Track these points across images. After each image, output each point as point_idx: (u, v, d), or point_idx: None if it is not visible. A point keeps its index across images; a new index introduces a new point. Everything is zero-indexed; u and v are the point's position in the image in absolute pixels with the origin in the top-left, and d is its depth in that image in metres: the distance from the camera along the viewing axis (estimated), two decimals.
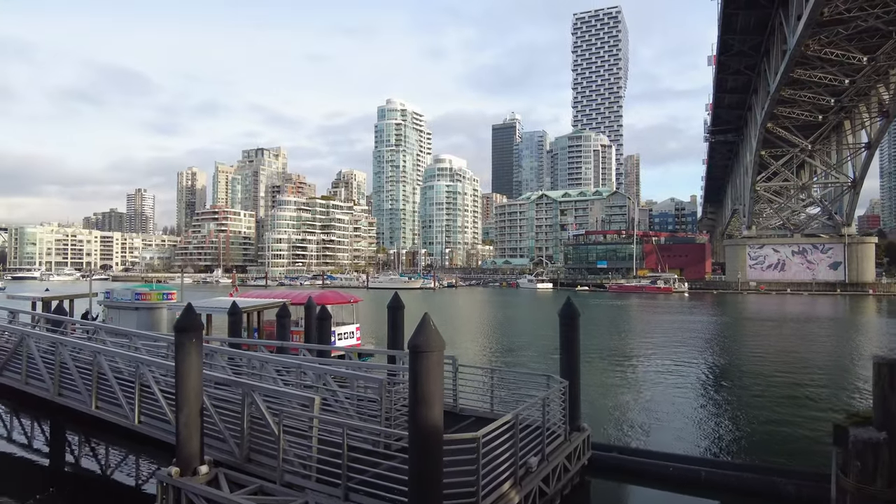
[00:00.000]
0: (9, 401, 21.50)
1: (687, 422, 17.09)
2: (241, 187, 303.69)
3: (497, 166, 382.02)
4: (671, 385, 22.61)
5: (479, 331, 44.74)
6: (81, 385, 11.89)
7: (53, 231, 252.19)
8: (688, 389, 21.95)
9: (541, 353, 30.83)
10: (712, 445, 14.93)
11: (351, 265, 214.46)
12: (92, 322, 18.60)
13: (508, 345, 35.64)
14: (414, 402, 6.63)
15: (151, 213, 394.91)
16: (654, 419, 17.13)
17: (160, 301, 23.44)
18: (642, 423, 16.62)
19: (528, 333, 43.35)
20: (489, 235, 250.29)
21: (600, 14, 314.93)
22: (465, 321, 53.02)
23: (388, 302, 14.80)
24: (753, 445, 14.72)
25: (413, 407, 6.63)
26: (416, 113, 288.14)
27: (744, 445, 14.77)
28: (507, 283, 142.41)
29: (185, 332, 8.61)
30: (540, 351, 31.60)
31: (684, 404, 19.34)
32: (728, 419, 17.89)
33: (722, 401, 20.57)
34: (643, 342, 36.99)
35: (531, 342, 36.73)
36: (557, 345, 12.35)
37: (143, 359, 10.80)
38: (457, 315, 60.18)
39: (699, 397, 20.85)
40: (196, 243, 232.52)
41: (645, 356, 30.57)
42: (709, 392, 22.03)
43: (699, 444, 14.98)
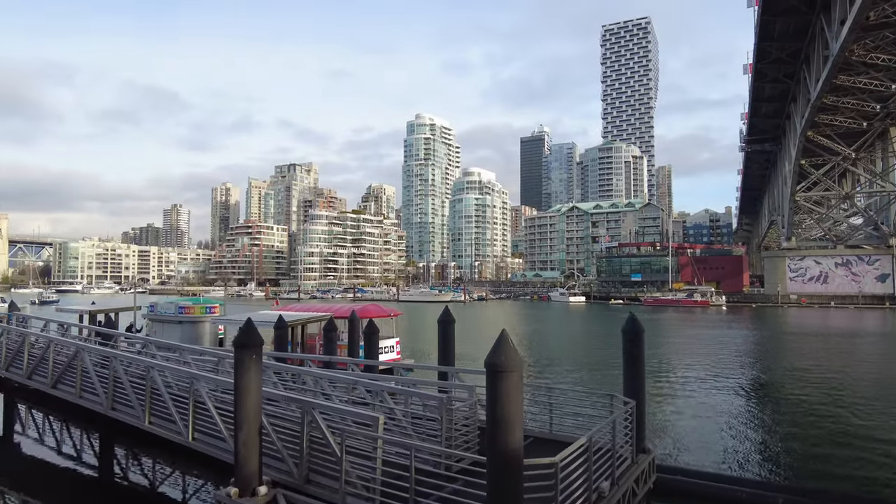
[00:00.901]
0: (59, 412, 21.90)
1: (749, 443, 16.26)
2: (274, 202, 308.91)
3: (526, 179, 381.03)
4: (726, 402, 21.69)
5: (517, 345, 44.04)
6: (135, 400, 11.83)
7: (94, 245, 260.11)
8: (744, 407, 21.02)
9: (581, 367, 30.09)
10: (782, 469, 14.10)
11: (381, 278, 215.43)
12: (142, 336, 18.72)
13: (549, 359, 34.94)
14: (493, 424, 6.25)
15: (186, 228, 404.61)
16: (715, 439, 16.34)
17: (203, 315, 23.58)
18: (703, 443, 15.85)
19: (566, 348, 42.52)
20: (518, 248, 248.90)
21: (629, 25, 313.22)
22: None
23: (439, 316, 14.46)
24: (825, 472, 13.86)
25: (492, 430, 6.25)
26: (444, 127, 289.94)
27: (814, 472, 13.91)
28: (538, 296, 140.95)
29: (245, 348, 8.41)
30: (579, 365, 30.86)
31: (743, 423, 18.46)
32: (794, 441, 16.95)
33: (783, 420, 19.58)
34: (689, 357, 35.86)
35: (571, 357, 35.96)
36: (599, 359, 11.82)
37: (198, 374, 10.67)
38: (491, 329, 59.51)
39: (758, 416, 19.91)
40: (230, 257, 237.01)
41: (694, 371, 29.57)
42: (768, 411, 21.04)
43: (766, 467, 14.18)
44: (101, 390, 12.85)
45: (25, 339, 16.39)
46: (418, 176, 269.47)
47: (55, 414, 22.33)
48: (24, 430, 22.42)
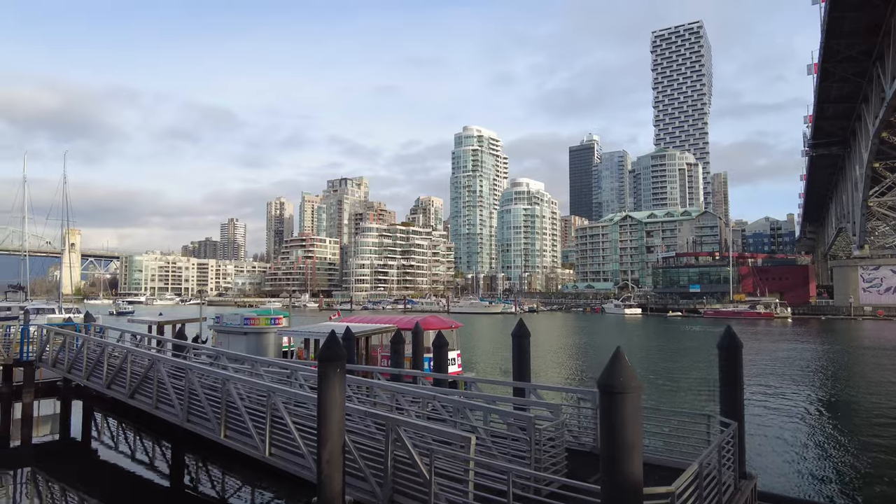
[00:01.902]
0: (132, 420, 22.50)
1: (847, 467, 14.91)
2: (326, 215, 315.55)
3: (575, 188, 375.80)
4: (817, 422, 20.19)
5: (578, 360, 42.83)
6: (210, 412, 11.77)
7: (157, 259, 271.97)
8: (836, 428, 19.47)
9: (650, 383, 28.79)
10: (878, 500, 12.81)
11: (430, 289, 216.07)
12: (213, 347, 18.95)
13: None
14: (610, 450, 5.67)
15: (243, 241, 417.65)
16: (813, 462, 15.08)
17: (268, 326, 23.80)
18: (799, 468, 14.64)
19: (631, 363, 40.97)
20: (569, 259, 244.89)
21: (681, 30, 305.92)
22: (558, 349, 51.09)
23: (513, 329, 13.91)
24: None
25: (609, 456, 5.68)
26: (492, 138, 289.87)
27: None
28: (591, 308, 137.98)
29: (329, 361, 8.13)
30: (648, 381, 29.54)
31: (838, 446, 17.04)
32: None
33: (879, 444, 17.99)
34: (763, 373, 33.89)
35: (638, 373, 34.57)
36: (668, 375, 10.95)
37: (275, 387, 10.49)
38: (547, 342, 58.22)
39: (852, 439, 18.37)
40: (285, 269, 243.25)
41: (772, 388, 27.84)
42: (861, 432, 19.41)
43: (864, 493, 12.90)
44: (176, 402, 12.90)
45: (105, 349, 16.78)
46: (466, 187, 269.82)
47: (128, 422, 22.98)
48: (101, 436, 23.15)
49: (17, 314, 49.13)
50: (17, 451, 20.80)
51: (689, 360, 41.42)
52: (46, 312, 49.12)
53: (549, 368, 36.51)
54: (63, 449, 21.89)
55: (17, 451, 20.77)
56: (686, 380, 31.11)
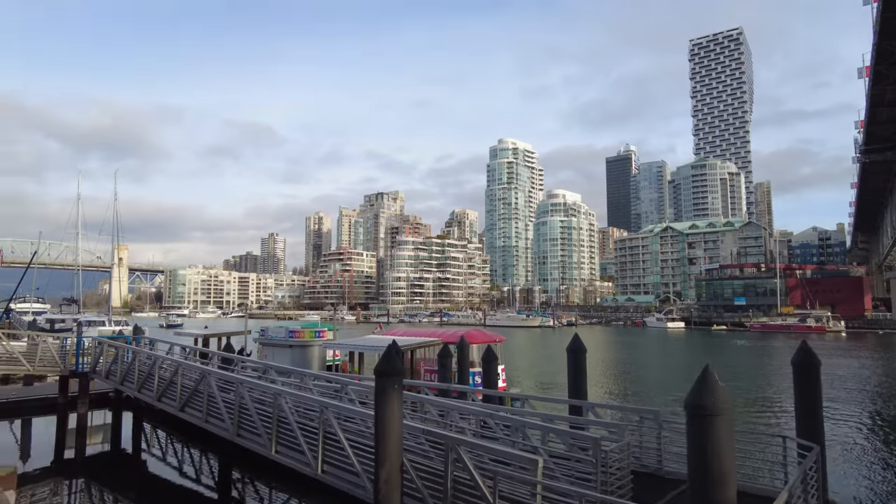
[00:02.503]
0: (180, 433, 22.77)
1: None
2: (363, 229, 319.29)
3: (612, 199, 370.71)
4: (894, 443, 18.91)
5: (626, 375, 41.61)
6: (261, 427, 11.65)
7: (199, 273, 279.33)
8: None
9: None
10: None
11: (466, 302, 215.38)
12: (261, 361, 19.01)
13: (663, 389, 32.57)
14: (699, 478, 5.21)
15: (282, 255, 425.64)
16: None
17: (312, 339, 23.84)
18: (882, 494, 13.64)
19: (681, 379, 39.61)
20: (607, 271, 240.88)
21: (719, 38, 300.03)
22: (602, 364, 49.85)
23: (568, 345, 13.43)
24: None
25: (698, 485, 5.22)
26: (527, 150, 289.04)
27: None
28: (631, 321, 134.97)
29: (387, 377, 7.86)
30: None
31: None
32: None
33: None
34: (825, 389, 32.17)
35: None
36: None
37: (328, 403, 10.29)
38: (590, 357, 56.78)
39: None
40: (323, 282, 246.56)
41: (839, 406, 26.37)
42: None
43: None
44: (226, 416, 12.85)
45: (155, 362, 16.98)
46: (501, 200, 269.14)
47: (176, 434, 23.25)
48: (150, 448, 23.48)
49: (70, 326, 50.96)
50: (72, 461, 21.28)
51: (744, 376, 39.77)
52: (97, 325, 50.68)
53: (596, 385, 35.56)
54: (114, 460, 22.26)
55: (72, 462, 21.25)
56: (744, 397, 29.78)
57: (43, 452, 22.03)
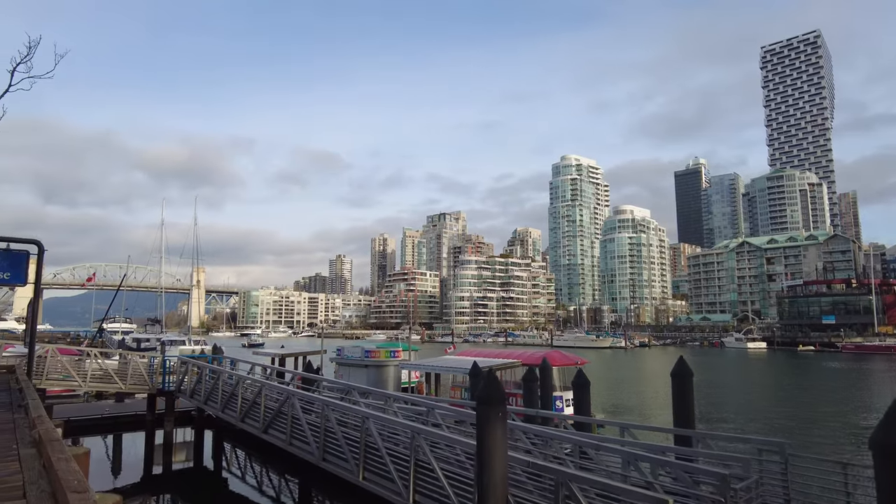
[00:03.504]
0: (259, 452, 22.95)
1: None
2: (426, 249, 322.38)
3: (683, 214, 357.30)
4: None
5: (717, 401, 39.01)
6: (348, 452, 11.25)
7: (271, 294, 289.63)
8: None
9: (812, 431, 25.32)
10: None
11: (530, 322, 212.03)
12: (345, 382, 18.81)
13: (768, 420, 30.18)
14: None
15: (349, 276, 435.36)
16: None
17: (388, 359, 23.58)
18: None
19: (781, 404, 36.75)
20: (680, 289, 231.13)
21: (795, 42, 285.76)
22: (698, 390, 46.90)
23: (672, 368, 12.36)
24: None
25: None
26: (591, 166, 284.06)
27: None
28: (708, 341, 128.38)
29: (489, 404, 7.23)
30: (805, 429, 26.03)
31: None
32: None
33: None
34: None
35: (802, 415, 30.73)
36: (843, 420, 8.82)
37: (421, 429, 9.76)
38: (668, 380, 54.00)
39: None
40: (388, 302, 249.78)
41: None
42: None
43: None
44: (311, 439, 12.57)
45: (239, 382, 17.08)
46: (565, 217, 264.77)
47: (256, 454, 23.46)
48: (230, 466, 23.78)
49: (154, 345, 53.49)
50: (159, 477, 21.81)
51: (847, 402, 36.48)
52: (178, 344, 52.85)
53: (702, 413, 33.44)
54: (197, 477, 22.65)
55: (159, 478, 21.79)
56: (854, 425, 27.15)
57: (132, 466, 22.75)
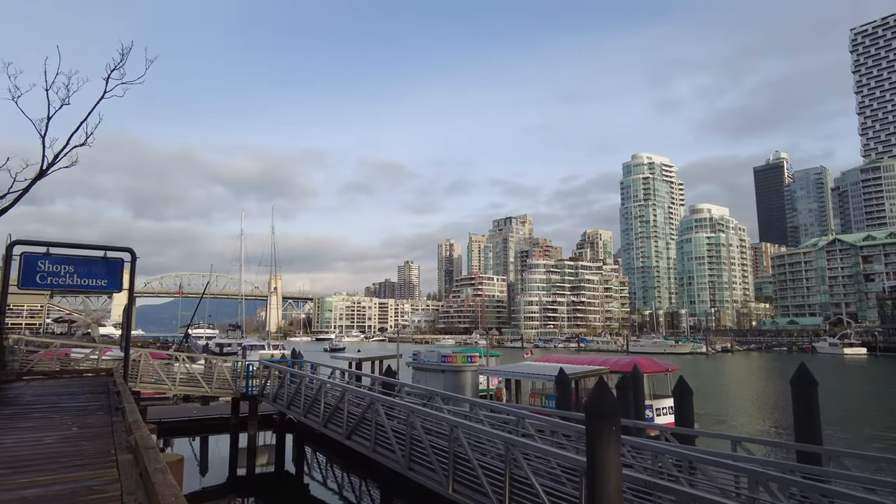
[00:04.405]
0: (340, 457, 22.97)
1: None
2: (493, 254, 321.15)
3: (763, 212, 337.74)
4: None
5: (829, 413, 35.91)
6: (436, 462, 10.73)
7: (343, 300, 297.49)
8: None
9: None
10: None
11: (603, 327, 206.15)
12: (427, 387, 18.39)
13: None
14: None
15: (417, 282, 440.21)
16: None
17: (465, 364, 23.06)
18: None
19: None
20: (763, 291, 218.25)
21: (890, 21, 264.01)
22: (783, 395, 43.66)
23: (792, 377, 11.08)
24: None
25: None
26: (664, 164, 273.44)
27: None
28: (797, 347, 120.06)
29: (601, 416, 6.47)
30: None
31: None
32: None
33: None
34: None
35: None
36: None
37: (517, 440, 9.09)
38: (766, 389, 50.48)
39: None
40: (456, 307, 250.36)
41: None
42: None
43: None
44: (396, 447, 12.15)
45: (321, 387, 17.01)
46: (638, 218, 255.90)
47: (336, 458, 23.50)
48: (311, 471, 23.95)
49: (235, 349, 55.54)
50: (244, 479, 22.23)
51: None
52: (258, 349, 54.57)
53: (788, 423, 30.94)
54: (279, 481, 22.93)
55: (244, 480, 22.20)
56: None
57: (218, 468, 23.34)
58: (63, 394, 13.78)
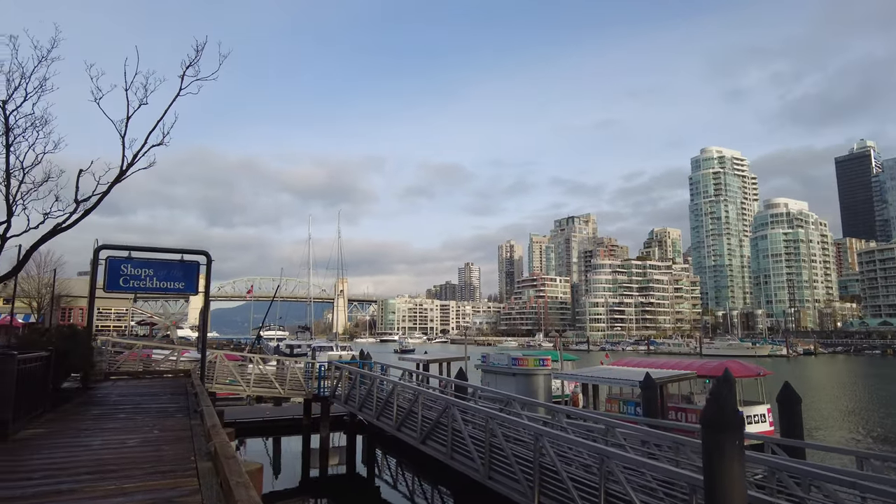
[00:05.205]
0: (410, 461, 22.67)
1: None
2: (555, 255, 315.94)
3: (847, 205, 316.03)
4: None
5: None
6: (519, 472, 10.07)
7: (406, 302, 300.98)
8: None
9: None
10: None
11: (673, 329, 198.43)
12: (503, 391, 17.73)
13: None
14: None
15: (477, 283, 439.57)
16: None
17: (537, 367, 22.25)
18: None
19: None
20: (849, 290, 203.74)
21: None
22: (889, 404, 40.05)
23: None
24: None
25: None
26: (735, 158, 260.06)
27: None
28: (892, 349, 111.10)
29: (723, 430, 5.64)
30: None
31: None
32: None
33: None
34: None
35: None
36: None
37: (612, 452, 8.32)
38: (861, 395, 46.58)
39: None
40: (518, 309, 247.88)
41: None
42: None
43: None
44: (475, 454, 11.57)
45: (394, 389, 16.69)
46: (709, 214, 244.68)
47: (407, 462, 23.22)
48: (381, 473, 23.77)
49: (305, 351, 56.75)
50: (316, 481, 22.31)
51: None
52: (326, 349, 55.49)
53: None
54: (351, 483, 22.86)
55: (317, 481, 22.29)
56: None
57: (291, 469, 23.55)
58: (145, 394, 14.07)
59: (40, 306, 53.89)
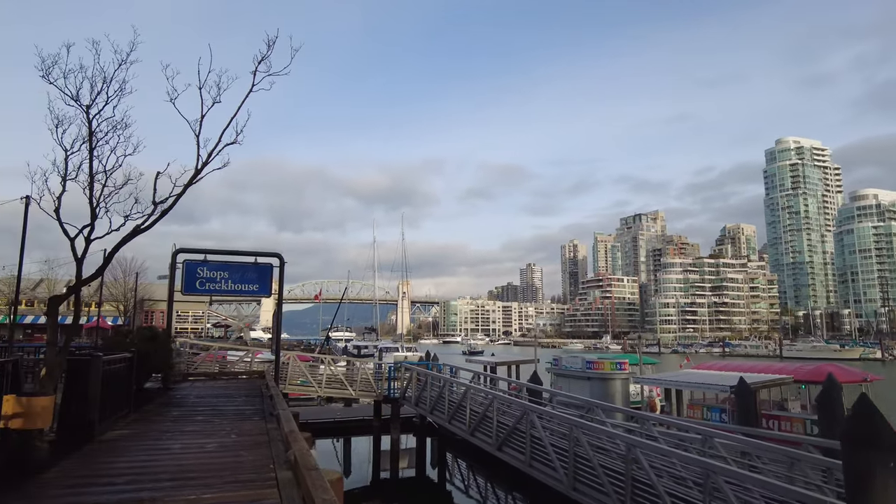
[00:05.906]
0: (481, 465, 22.15)
1: None
2: (621, 254, 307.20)
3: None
4: None
5: None
6: (608, 485, 9.33)
7: (468, 303, 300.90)
8: None
9: None
10: None
11: (750, 330, 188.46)
12: (583, 398, 16.96)
13: None
14: None
15: (540, 284, 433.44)
16: None
17: (613, 371, 21.23)
18: None
19: None
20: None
21: None
22: None
23: None
24: None
25: None
26: (815, 148, 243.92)
27: None
28: None
29: (873, 448, 4.75)
30: None
31: None
32: None
33: None
34: None
35: None
36: None
37: (720, 467, 7.48)
38: None
39: None
40: (583, 310, 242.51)
41: None
42: None
43: None
44: (558, 464, 10.90)
45: (467, 393, 16.23)
46: (786, 209, 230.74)
47: (477, 465, 22.71)
48: (452, 477, 23.37)
49: (372, 351, 57.44)
50: (387, 482, 22.19)
51: None
52: (392, 350, 55.93)
53: None
54: (421, 486, 22.59)
55: (387, 482, 22.16)
56: None
57: (361, 470, 23.56)
58: (221, 396, 14.23)
59: (126, 309, 57.25)
